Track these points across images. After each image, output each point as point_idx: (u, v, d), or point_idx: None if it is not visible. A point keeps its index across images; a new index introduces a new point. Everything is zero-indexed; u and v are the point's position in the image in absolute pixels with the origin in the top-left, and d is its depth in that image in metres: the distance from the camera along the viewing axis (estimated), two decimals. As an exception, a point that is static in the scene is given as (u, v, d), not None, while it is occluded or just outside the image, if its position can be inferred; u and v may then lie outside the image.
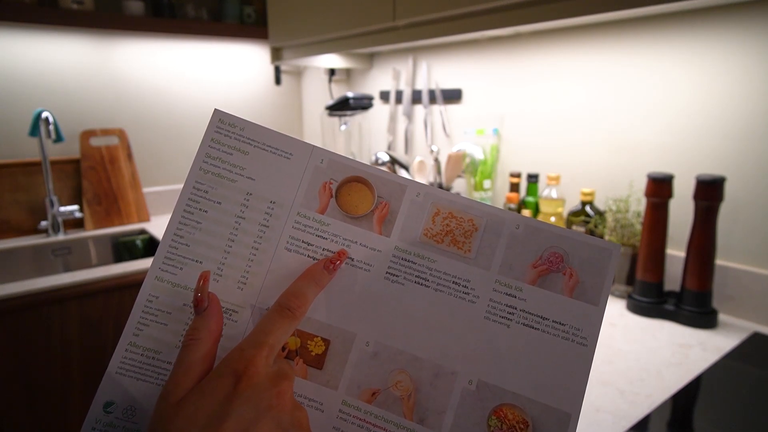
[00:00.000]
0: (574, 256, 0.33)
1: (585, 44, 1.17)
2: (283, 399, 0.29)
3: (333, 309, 0.34)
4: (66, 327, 1.23)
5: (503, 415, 0.32)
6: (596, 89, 1.16)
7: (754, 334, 0.89)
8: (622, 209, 1.07)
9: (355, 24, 1.28)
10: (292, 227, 0.35)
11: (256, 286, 0.34)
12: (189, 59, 1.89)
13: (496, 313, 0.33)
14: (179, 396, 0.28)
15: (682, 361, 0.80)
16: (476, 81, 1.45)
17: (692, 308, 0.93)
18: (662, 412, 0.68)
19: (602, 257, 0.33)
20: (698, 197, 0.91)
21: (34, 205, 1.61)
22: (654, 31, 1.04)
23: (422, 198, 0.35)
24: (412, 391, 0.33)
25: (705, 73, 0.98)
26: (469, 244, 0.35)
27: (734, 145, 0.96)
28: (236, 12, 1.91)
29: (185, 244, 0.35)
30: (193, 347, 0.30)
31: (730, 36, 0.94)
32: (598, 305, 0.33)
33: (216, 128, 0.36)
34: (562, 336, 0.32)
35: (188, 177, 0.35)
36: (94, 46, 1.70)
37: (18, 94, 1.60)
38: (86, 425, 0.32)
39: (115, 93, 1.77)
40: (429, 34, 1.12)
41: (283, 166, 0.36)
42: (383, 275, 0.34)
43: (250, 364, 0.28)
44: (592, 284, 0.33)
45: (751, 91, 0.92)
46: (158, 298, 0.34)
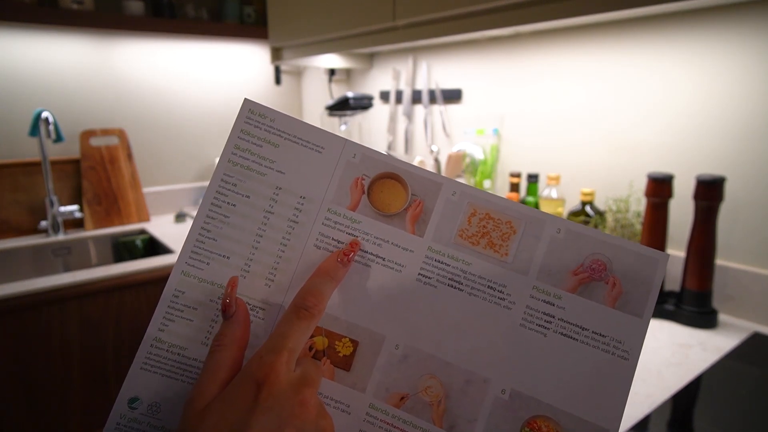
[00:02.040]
0: (618, 264, 0.32)
1: (585, 44, 1.17)
2: (306, 407, 0.28)
3: (362, 310, 0.33)
4: (66, 327, 1.23)
5: (537, 427, 0.31)
6: (596, 89, 1.16)
7: (754, 334, 0.89)
8: (622, 209, 1.07)
9: (355, 24, 1.28)
10: (322, 224, 0.34)
11: (284, 283, 0.33)
12: (189, 59, 1.89)
13: (533, 321, 0.32)
14: (204, 403, 0.28)
15: (682, 361, 0.80)
16: (476, 81, 1.45)
17: (692, 308, 0.93)
18: (662, 412, 0.68)
19: (648, 266, 0.31)
20: (698, 197, 0.91)
21: (34, 205, 1.61)
22: (654, 31, 1.04)
23: (458, 197, 0.34)
24: (442, 398, 0.32)
25: (705, 73, 0.98)
26: (506, 247, 0.33)
27: (734, 145, 0.96)
28: (236, 12, 1.91)
29: (212, 238, 0.34)
30: (219, 353, 0.30)
31: (730, 36, 0.94)
32: (642, 317, 0.31)
33: (246, 119, 0.35)
34: (603, 348, 0.31)
35: (216, 169, 0.34)
36: (94, 46, 1.70)
37: (18, 94, 1.60)
38: (111, 421, 0.32)
39: (115, 93, 1.77)
40: (429, 34, 1.12)
41: (314, 160, 0.34)
42: (415, 277, 0.33)
43: (271, 371, 0.28)
44: (637, 295, 0.31)
45: (751, 91, 0.92)
46: (184, 293, 0.33)
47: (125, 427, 0.32)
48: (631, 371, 0.30)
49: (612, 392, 0.30)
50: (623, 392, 0.30)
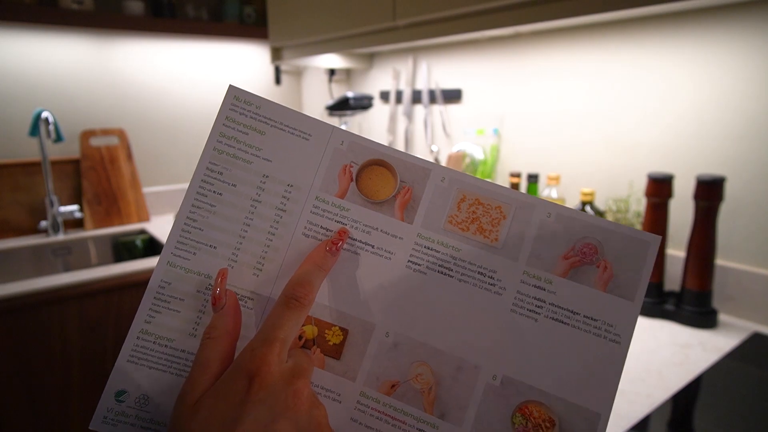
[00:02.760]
0: (609, 248, 0.31)
1: (585, 44, 1.17)
2: (299, 398, 0.28)
3: (352, 298, 0.33)
4: (66, 327, 1.23)
5: (529, 412, 0.30)
6: (596, 89, 1.16)
7: (754, 334, 0.89)
8: (622, 209, 1.07)
9: (355, 24, 1.28)
10: (310, 212, 0.33)
11: (272, 272, 0.33)
12: (189, 59, 1.89)
13: (524, 306, 0.32)
14: (196, 396, 0.28)
15: (683, 361, 0.80)
16: (476, 81, 1.45)
17: (692, 308, 0.93)
18: (662, 412, 0.68)
19: (640, 249, 0.31)
20: (698, 197, 0.91)
21: (34, 205, 1.61)
22: (654, 32, 1.04)
23: (447, 183, 0.33)
24: (432, 385, 0.31)
25: (705, 73, 0.98)
26: (496, 232, 0.33)
27: (734, 145, 0.96)
28: (236, 12, 1.91)
29: (198, 228, 0.33)
30: (210, 346, 0.30)
31: (730, 36, 0.94)
32: (633, 301, 0.31)
33: (231, 106, 0.34)
34: (594, 332, 0.31)
35: (202, 157, 0.33)
36: (94, 46, 1.70)
37: (18, 94, 1.60)
38: (97, 414, 0.32)
39: (115, 93, 1.77)
40: (429, 34, 1.12)
41: (301, 148, 0.34)
42: (405, 264, 0.33)
43: (263, 363, 0.28)
44: (628, 278, 0.31)
45: (752, 91, 0.92)
46: (171, 284, 0.33)
47: (112, 421, 0.31)
48: (622, 355, 0.30)
49: (603, 376, 0.30)
50: (615, 376, 0.30)
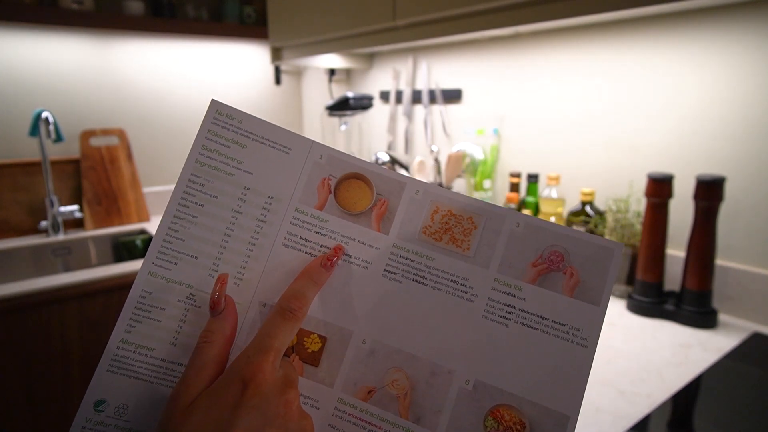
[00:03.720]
0: (576, 255, 0.33)
1: (585, 44, 1.17)
2: (290, 408, 0.29)
3: (330, 306, 0.33)
4: (66, 327, 1.23)
5: (500, 415, 0.31)
6: (596, 89, 1.16)
7: (754, 334, 0.89)
8: (622, 209, 1.07)
9: (355, 24, 1.28)
10: (290, 223, 0.34)
11: (253, 282, 0.34)
12: (189, 59, 1.89)
13: (495, 312, 0.33)
14: (189, 399, 0.28)
15: (682, 361, 0.80)
16: (476, 81, 1.45)
17: (692, 308, 0.93)
18: (662, 412, 0.68)
19: (604, 256, 0.33)
20: (698, 197, 0.91)
21: (34, 205, 1.61)
22: (654, 32, 1.04)
23: (421, 196, 0.35)
24: (408, 390, 0.32)
25: (705, 73, 0.98)
26: (468, 242, 0.34)
27: (734, 145, 0.96)
28: (236, 12, 1.91)
29: (180, 238, 0.34)
30: (207, 349, 0.30)
31: (730, 36, 0.94)
32: (599, 305, 0.32)
33: (213, 119, 0.35)
34: (562, 336, 0.32)
35: (184, 169, 0.34)
36: (94, 46, 1.70)
37: (18, 94, 1.60)
38: (76, 424, 0.32)
39: (115, 93, 1.77)
40: (429, 34, 1.12)
41: (281, 161, 0.35)
42: (381, 273, 0.34)
43: (258, 370, 0.28)
44: (594, 284, 0.32)
45: (752, 91, 0.92)
46: (151, 294, 0.33)
47: (91, 431, 0.32)
48: (589, 358, 0.31)
49: (572, 379, 0.31)
50: (582, 379, 0.31)
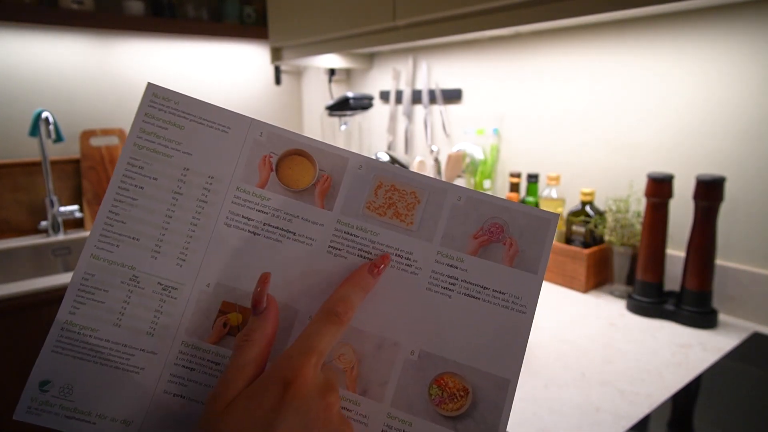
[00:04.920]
0: (515, 226, 0.34)
1: (585, 44, 1.17)
2: (330, 412, 0.28)
3: (275, 285, 0.34)
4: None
5: (444, 383, 0.32)
6: (596, 89, 1.16)
7: (754, 334, 0.89)
8: (622, 209, 1.07)
9: (355, 24, 1.28)
10: (231, 202, 0.34)
11: (196, 262, 0.34)
12: (189, 59, 1.89)
13: (438, 284, 0.34)
14: (229, 398, 0.28)
15: (682, 361, 0.80)
16: (476, 81, 1.45)
17: (692, 308, 0.93)
18: (662, 412, 0.68)
19: (541, 226, 0.34)
20: (698, 197, 0.91)
21: (34, 205, 1.61)
22: (654, 31, 1.04)
23: (365, 171, 0.35)
24: (355, 364, 0.33)
25: (705, 73, 0.98)
26: (411, 216, 0.35)
27: (734, 145, 0.96)
28: (236, 12, 1.91)
29: (121, 221, 0.34)
30: (247, 348, 0.30)
31: (730, 36, 0.94)
32: (536, 273, 0.33)
33: (150, 102, 0.35)
34: (502, 305, 0.33)
35: (122, 153, 0.34)
36: (94, 46, 1.70)
37: (18, 94, 1.60)
38: (21, 405, 0.32)
39: (115, 93, 1.77)
40: (429, 34, 1.12)
41: (220, 140, 0.35)
42: (326, 249, 0.34)
43: (299, 372, 0.28)
44: (532, 253, 0.34)
45: (751, 91, 0.92)
46: (94, 276, 0.33)
47: (36, 410, 0.32)
48: (528, 324, 0.33)
49: (512, 345, 0.32)
50: (522, 344, 0.33)
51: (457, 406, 0.32)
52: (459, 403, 0.32)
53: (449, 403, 0.32)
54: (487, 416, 0.32)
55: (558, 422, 0.66)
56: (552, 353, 0.83)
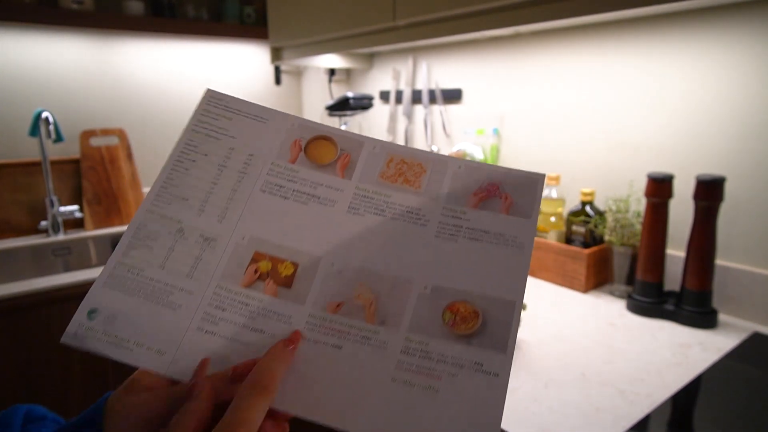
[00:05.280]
0: (508, 185, 0.40)
1: (585, 44, 1.17)
2: None
3: (301, 238, 0.39)
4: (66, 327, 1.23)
5: (456, 309, 0.36)
6: (596, 89, 1.16)
7: (754, 334, 0.89)
8: (622, 209, 1.07)
9: (355, 24, 1.28)
10: (266, 174, 0.41)
11: (234, 219, 0.39)
12: (189, 59, 1.89)
13: (445, 232, 0.39)
14: None
15: (682, 361, 0.80)
16: (476, 81, 1.45)
17: (692, 308, 0.93)
18: (662, 412, 0.68)
19: (532, 183, 0.40)
20: (698, 197, 0.91)
21: (34, 205, 1.61)
22: (654, 31, 1.04)
23: (378, 149, 0.43)
24: (373, 300, 0.37)
25: (705, 73, 0.98)
26: (419, 182, 0.41)
27: (734, 145, 0.96)
28: (236, 12, 1.91)
29: (175, 185, 0.40)
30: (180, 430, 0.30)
31: (730, 36, 0.94)
32: (530, 218, 0.39)
33: (207, 101, 0.43)
34: (503, 243, 0.38)
35: (181, 136, 0.42)
36: (94, 46, 1.70)
37: (18, 94, 1.60)
38: (69, 330, 0.36)
39: (115, 93, 1.77)
40: (429, 34, 1.12)
41: (259, 129, 0.43)
42: (346, 209, 0.40)
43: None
44: (525, 204, 0.39)
45: (752, 91, 0.92)
46: (147, 226, 0.39)
47: (82, 336, 0.36)
48: (527, 257, 0.38)
49: (514, 274, 0.37)
50: (522, 272, 0.37)
51: (470, 326, 0.36)
52: (471, 323, 0.36)
53: (462, 325, 0.36)
54: (498, 332, 0.36)
55: (558, 422, 0.66)
56: (552, 353, 0.83)
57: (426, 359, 0.35)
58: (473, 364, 0.35)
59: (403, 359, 0.35)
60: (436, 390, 0.34)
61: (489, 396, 0.34)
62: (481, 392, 0.34)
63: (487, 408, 0.33)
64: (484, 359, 0.35)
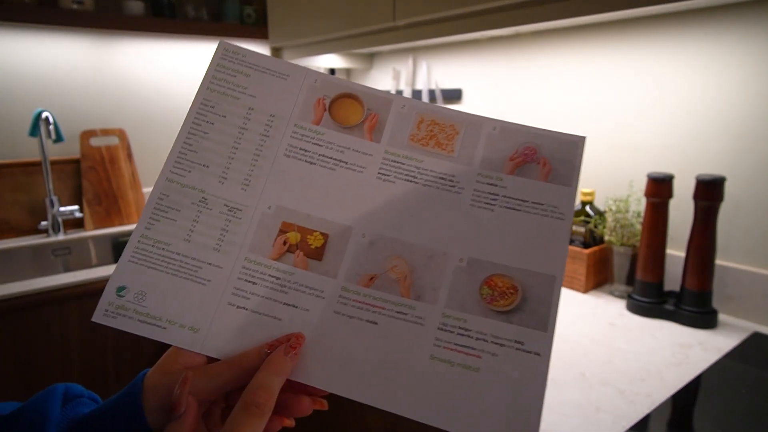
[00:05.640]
0: (546, 148, 0.38)
1: (585, 44, 1.17)
2: None
3: (330, 206, 0.37)
4: (66, 327, 1.23)
5: (494, 283, 0.35)
6: (596, 89, 1.16)
7: (754, 334, 0.89)
8: (622, 209, 1.07)
9: (355, 24, 1.28)
10: (290, 136, 0.39)
11: (258, 187, 0.37)
12: (189, 59, 1.89)
13: (481, 200, 0.37)
14: None
15: (682, 361, 0.80)
16: (476, 81, 1.45)
17: (692, 308, 0.93)
18: (662, 412, 0.68)
19: (571, 148, 0.38)
20: (698, 197, 0.91)
21: (34, 205, 1.61)
22: (654, 32, 1.04)
23: (407, 109, 0.40)
24: (407, 273, 0.35)
25: (705, 74, 0.98)
26: (452, 145, 0.38)
27: (734, 145, 0.96)
28: (236, 12, 1.91)
29: (193, 150, 0.38)
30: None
31: (730, 36, 0.94)
32: (571, 186, 0.37)
33: (221, 55, 0.40)
34: (542, 213, 0.36)
35: (196, 96, 0.39)
36: (94, 46, 1.70)
37: (18, 94, 1.60)
38: (99, 308, 0.35)
39: (115, 93, 1.77)
40: (429, 34, 1.12)
41: (280, 86, 0.40)
42: (375, 175, 0.38)
43: None
44: (564, 170, 0.37)
45: (752, 91, 0.92)
46: (168, 196, 0.37)
47: (112, 314, 0.35)
48: (567, 228, 0.36)
49: (554, 246, 0.35)
50: (563, 245, 0.35)
51: (508, 302, 0.34)
52: (510, 299, 0.34)
53: (500, 300, 0.34)
54: (538, 308, 0.34)
55: (558, 422, 0.66)
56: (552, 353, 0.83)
57: (464, 336, 0.33)
58: (513, 342, 0.33)
59: (441, 336, 0.33)
60: (476, 369, 0.33)
61: (530, 377, 0.32)
62: (522, 372, 0.32)
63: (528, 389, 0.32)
64: (525, 337, 0.33)
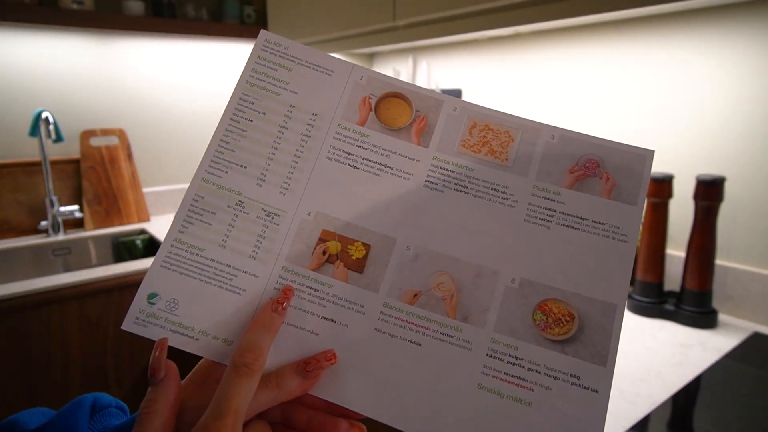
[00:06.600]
0: (610, 162, 0.34)
1: (585, 44, 1.17)
2: None
3: (373, 215, 0.35)
4: (66, 327, 1.23)
5: (548, 309, 0.32)
6: (596, 89, 1.16)
7: (754, 334, 0.89)
8: (622, 209, 1.07)
9: (355, 24, 1.28)
10: (333, 138, 0.36)
11: (298, 191, 0.35)
12: (189, 59, 1.89)
13: (536, 216, 0.34)
14: None
15: (682, 361, 0.80)
16: (476, 81, 1.45)
17: (692, 308, 0.93)
18: (662, 412, 0.68)
19: (637, 162, 0.34)
20: (698, 197, 0.91)
21: (34, 205, 1.61)
22: (654, 32, 1.04)
23: (459, 112, 0.37)
24: (454, 292, 0.33)
25: (704, 73, 0.98)
26: (506, 153, 0.36)
27: (734, 145, 0.96)
28: (236, 12, 1.91)
29: (231, 149, 0.36)
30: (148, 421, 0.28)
31: (729, 36, 0.94)
32: (636, 205, 0.34)
33: (263, 46, 0.38)
34: (603, 234, 0.33)
35: (235, 90, 0.37)
36: (94, 46, 1.70)
37: (18, 94, 1.60)
38: (130, 315, 0.33)
39: (115, 93, 1.77)
40: (429, 34, 1.12)
41: (324, 82, 0.37)
42: (423, 183, 0.35)
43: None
44: (629, 186, 0.34)
45: (752, 91, 0.92)
46: (203, 198, 0.35)
47: (143, 322, 0.33)
48: (631, 251, 0.33)
49: (616, 271, 0.32)
50: (626, 270, 0.32)
51: (564, 330, 0.32)
52: (565, 327, 0.32)
53: (555, 328, 0.32)
54: (596, 339, 0.31)
55: (558, 422, 0.66)
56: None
57: (515, 366, 0.31)
58: (569, 376, 0.31)
59: (489, 364, 0.31)
60: (528, 403, 0.30)
61: (587, 416, 0.30)
62: (578, 410, 0.30)
63: (584, 430, 0.29)
64: (581, 371, 0.31)
